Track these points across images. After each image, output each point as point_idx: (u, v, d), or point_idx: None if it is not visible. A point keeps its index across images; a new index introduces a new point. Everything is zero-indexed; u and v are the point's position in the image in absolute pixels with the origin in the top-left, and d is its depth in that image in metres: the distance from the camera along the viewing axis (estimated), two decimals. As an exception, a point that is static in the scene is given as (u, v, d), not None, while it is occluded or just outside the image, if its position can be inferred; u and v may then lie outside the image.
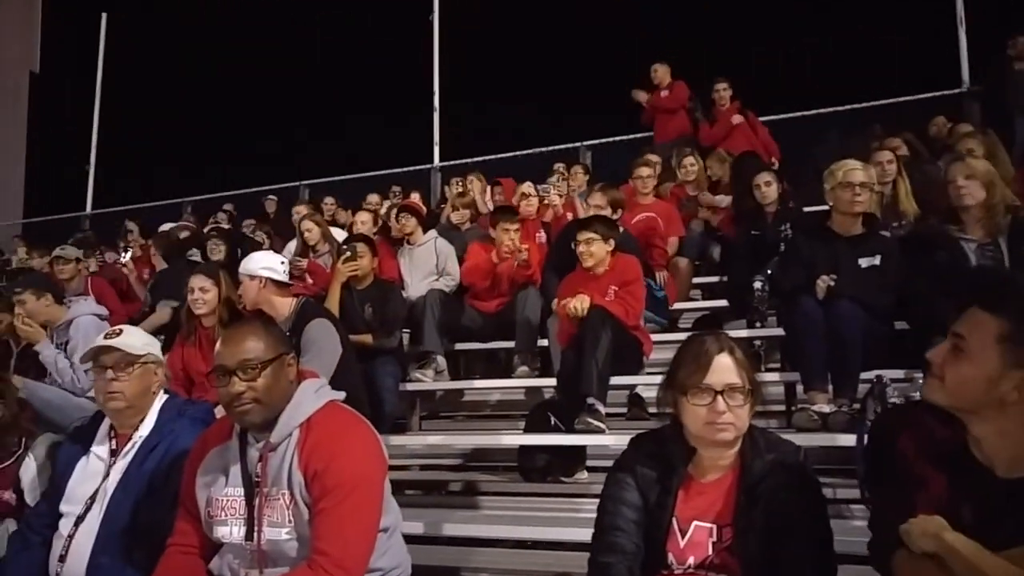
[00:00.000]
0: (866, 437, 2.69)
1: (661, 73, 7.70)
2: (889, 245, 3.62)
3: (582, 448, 3.75)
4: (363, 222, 6.21)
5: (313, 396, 2.04)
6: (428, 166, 9.99)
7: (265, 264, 3.85)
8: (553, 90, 15.55)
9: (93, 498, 2.39)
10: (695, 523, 1.81)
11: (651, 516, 1.82)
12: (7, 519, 2.73)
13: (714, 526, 1.80)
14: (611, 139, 9.31)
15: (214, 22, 17.17)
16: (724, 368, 1.79)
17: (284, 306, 3.81)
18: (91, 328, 4.06)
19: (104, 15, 13.69)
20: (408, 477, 4.22)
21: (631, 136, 8.93)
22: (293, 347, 2.22)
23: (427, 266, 5.36)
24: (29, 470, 2.80)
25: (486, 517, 3.40)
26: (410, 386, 4.51)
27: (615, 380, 3.74)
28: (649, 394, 4.27)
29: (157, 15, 17.14)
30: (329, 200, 8.61)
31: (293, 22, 17.59)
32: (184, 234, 6.91)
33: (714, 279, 5.60)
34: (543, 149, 9.42)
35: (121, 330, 2.53)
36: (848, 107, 8.49)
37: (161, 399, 2.55)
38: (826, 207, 3.76)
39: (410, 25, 11.39)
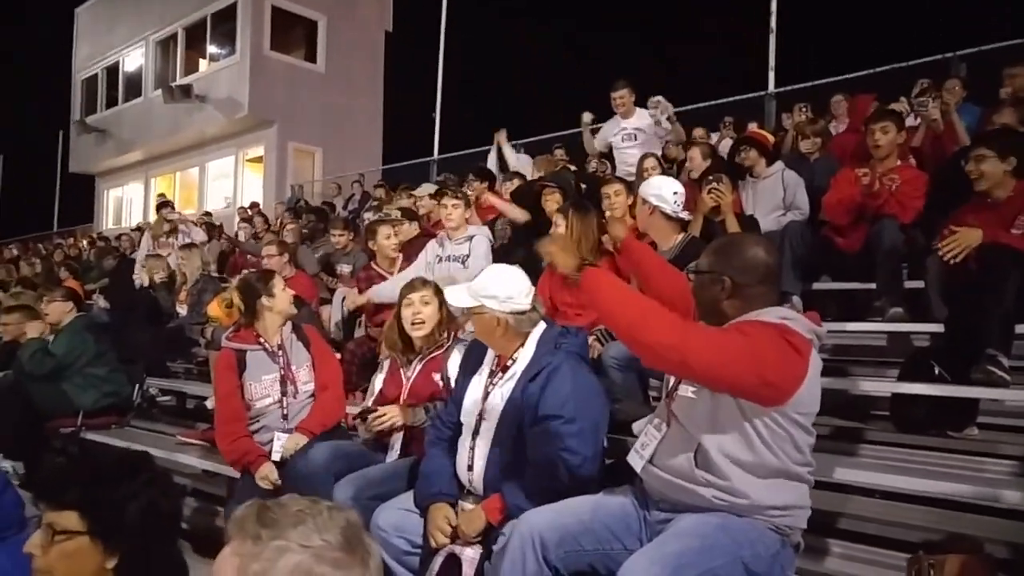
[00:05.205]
0: None
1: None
2: None
3: (974, 402, 3.36)
4: (693, 158, 6.09)
5: None
6: (762, 93, 9.23)
7: (656, 192, 3.73)
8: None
9: (480, 417, 2.60)
10: None
11: None
12: (438, 399, 3.17)
13: None
14: (993, 46, 7.57)
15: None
16: None
17: (667, 238, 3.69)
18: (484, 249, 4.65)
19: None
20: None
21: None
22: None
23: (773, 199, 5.07)
24: (453, 362, 3.14)
25: (861, 464, 3.23)
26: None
27: (1021, 328, 3.25)
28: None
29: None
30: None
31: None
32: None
33: None
34: (903, 64, 8.08)
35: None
36: None
37: (540, 328, 2.63)
38: None
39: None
